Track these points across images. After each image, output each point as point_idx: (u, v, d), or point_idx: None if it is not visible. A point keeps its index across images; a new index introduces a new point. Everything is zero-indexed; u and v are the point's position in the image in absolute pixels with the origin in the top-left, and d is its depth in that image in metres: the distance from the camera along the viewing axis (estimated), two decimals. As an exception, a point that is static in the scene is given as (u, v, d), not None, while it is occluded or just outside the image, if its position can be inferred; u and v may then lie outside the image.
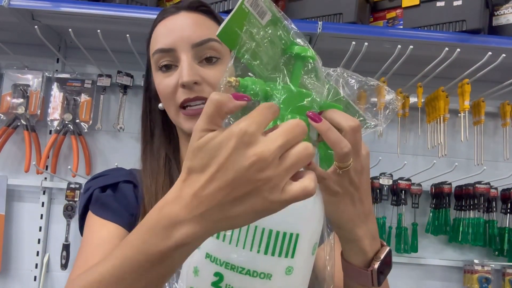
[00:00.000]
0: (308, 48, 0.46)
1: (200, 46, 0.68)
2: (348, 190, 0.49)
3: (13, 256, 1.51)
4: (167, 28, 0.71)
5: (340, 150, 0.45)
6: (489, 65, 1.24)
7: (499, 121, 1.54)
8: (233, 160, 0.35)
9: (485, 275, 1.45)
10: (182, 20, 0.70)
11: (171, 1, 1.45)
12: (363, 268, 0.52)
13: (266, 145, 0.35)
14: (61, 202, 1.49)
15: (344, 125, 0.46)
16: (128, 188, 0.72)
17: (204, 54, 0.69)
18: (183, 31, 0.69)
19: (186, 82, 0.66)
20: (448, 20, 1.29)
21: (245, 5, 0.43)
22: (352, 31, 1.28)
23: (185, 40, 0.68)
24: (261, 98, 0.44)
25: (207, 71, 0.68)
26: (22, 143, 1.50)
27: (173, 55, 0.69)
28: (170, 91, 0.69)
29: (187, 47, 0.68)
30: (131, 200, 0.71)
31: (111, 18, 1.29)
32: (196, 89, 0.67)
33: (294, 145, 0.37)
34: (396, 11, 1.40)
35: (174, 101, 0.69)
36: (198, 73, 0.68)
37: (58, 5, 1.27)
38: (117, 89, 1.54)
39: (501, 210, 1.51)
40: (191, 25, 0.69)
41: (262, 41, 0.44)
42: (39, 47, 1.47)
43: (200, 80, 0.67)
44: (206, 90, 0.68)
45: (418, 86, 1.41)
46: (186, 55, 0.68)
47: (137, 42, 1.35)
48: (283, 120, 0.43)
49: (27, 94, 1.49)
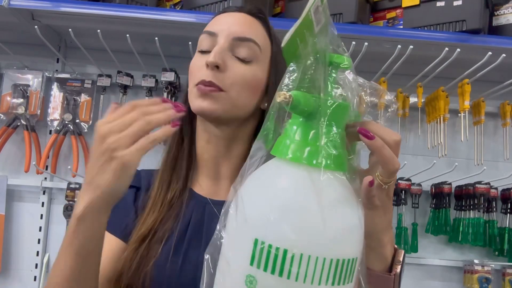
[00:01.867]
0: (346, 57, 0.46)
1: (240, 42, 0.70)
2: (385, 202, 0.51)
3: (13, 256, 1.51)
4: (219, 19, 0.74)
5: (392, 167, 0.47)
6: (489, 65, 1.24)
7: (499, 121, 1.54)
8: (93, 147, 0.53)
9: (485, 275, 1.45)
10: (237, 17, 0.73)
11: (171, 1, 1.45)
12: (386, 273, 0.54)
13: (105, 127, 0.52)
14: (61, 202, 1.50)
15: (389, 139, 0.47)
16: (129, 193, 0.73)
17: (241, 51, 0.70)
18: (231, 24, 0.71)
19: (210, 61, 0.66)
20: (448, 20, 1.29)
21: (311, 13, 0.42)
22: (352, 31, 1.28)
23: (230, 31, 0.70)
24: (309, 113, 0.44)
25: (234, 64, 0.69)
26: (22, 143, 1.50)
27: (213, 39, 0.70)
28: (196, 69, 0.70)
29: (228, 36, 0.69)
30: (128, 207, 0.72)
31: (111, 18, 1.29)
32: (216, 75, 0.67)
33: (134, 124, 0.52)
34: (396, 11, 1.40)
35: (196, 78, 0.69)
36: (225, 60, 0.68)
37: (58, 5, 1.27)
38: (117, 89, 1.54)
39: (501, 210, 1.51)
40: (242, 22, 0.72)
41: (315, 52, 0.44)
42: (39, 47, 1.47)
43: (223, 66, 0.67)
44: (225, 80, 0.68)
45: (418, 86, 1.41)
46: (224, 41, 0.69)
47: (137, 42, 1.35)
48: (328, 135, 0.43)
49: (27, 94, 1.49)
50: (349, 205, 0.44)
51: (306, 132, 0.44)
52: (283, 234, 0.40)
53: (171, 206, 0.71)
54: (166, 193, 0.72)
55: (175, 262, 0.67)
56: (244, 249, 0.42)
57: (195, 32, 1.32)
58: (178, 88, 1.51)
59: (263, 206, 0.43)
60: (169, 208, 0.71)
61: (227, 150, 0.75)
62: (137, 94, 1.57)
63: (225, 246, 0.47)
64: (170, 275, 0.66)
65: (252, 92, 0.71)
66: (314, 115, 0.44)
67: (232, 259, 0.44)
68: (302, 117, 0.45)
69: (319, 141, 0.43)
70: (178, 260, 0.66)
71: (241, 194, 0.46)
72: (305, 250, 0.40)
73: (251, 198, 0.44)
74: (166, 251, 0.67)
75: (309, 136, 0.44)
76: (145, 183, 0.76)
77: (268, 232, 0.41)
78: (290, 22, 1.50)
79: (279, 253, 0.40)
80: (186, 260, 0.67)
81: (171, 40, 1.38)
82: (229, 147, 0.74)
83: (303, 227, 0.41)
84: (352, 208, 0.44)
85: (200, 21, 1.26)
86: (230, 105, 0.68)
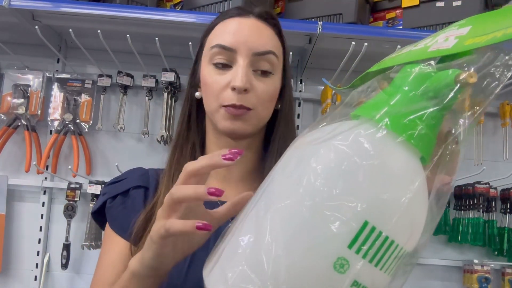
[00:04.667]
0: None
1: (260, 56, 0.69)
2: None
3: (14, 256, 1.52)
4: (232, 27, 0.71)
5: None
6: (489, 65, 1.24)
7: (499, 121, 1.54)
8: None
9: (484, 274, 1.46)
10: (251, 25, 0.71)
11: (171, 2, 1.46)
12: None
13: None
14: (62, 202, 1.50)
15: None
16: (137, 195, 0.74)
17: (261, 65, 0.70)
18: (249, 36, 0.69)
19: (238, 86, 0.66)
20: (447, 21, 1.29)
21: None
22: (352, 31, 1.28)
23: (249, 45, 0.68)
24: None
25: (258, 83, 0.69)
26: (22, 143, 1.51)
27: (232, 55, 0.69)
28: (219, 88, 0.69)
29: (248, 52, 0.68)
30: (138, 208, 0.72)
31: (111, 18, 1.29)
32: (243, 96, 0.68)
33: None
34: (396, 11, 1.40)
35: (219, 99, 0.69)
36: (251, 81, 0.68)
37: (58, 5, 1.27)
38: (117, 89, 1.54)
39: (501, 210, 1.51)
40: (257, 33, 0.70)
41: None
42: (40, 47, 1.47)
43: (250, 88, 0.68)
44: (252, 100, 0.68)
45: (417, 86, 1.41)
46: (244, 60, 0.68)
47: (137, 42, 1.36)
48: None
49: (27, 94, 1.49)
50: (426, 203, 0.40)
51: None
52: (400, 228, 0.37)
53: None
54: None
55: (182, 261, 0.66)
56: (342, 228, 0.36)
57: (195, 32, 1.33)
58: (178, 88, 1.51)
59: (378, 187, 0.37)
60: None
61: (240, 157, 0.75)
62: (138, 94, 1.57)
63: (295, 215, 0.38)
64: (178, 276, 0.65)
65: (272, 103, 0.73)
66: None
67: (314, 235, 0.37)
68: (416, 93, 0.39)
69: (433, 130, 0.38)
70: (186, 259, 0.66)
71: (335, 159, 0.38)
72: (408, 247, 0.38)
73: (364, 174, 0.37)
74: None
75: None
76: (153, 183, 0.76)
77: (384, 220, 0.36)
78: (290, 22, 1.48)
79: (386, 243, 0.36)
80: (194, 259, 0.67)
81: (172, 40, 1.38)
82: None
83: (413, 223, 0.38)
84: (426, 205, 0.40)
85: (200, 21, 1.26)
86: (257, 121, 0.70)
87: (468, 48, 0.37)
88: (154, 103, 1.55)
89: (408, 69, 0.41)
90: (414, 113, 0.38)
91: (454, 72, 0.37)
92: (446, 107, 0.38)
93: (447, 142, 0.39)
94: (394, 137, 0.38)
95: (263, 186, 0.44)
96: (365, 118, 0.40)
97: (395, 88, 0.40)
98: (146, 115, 1.52)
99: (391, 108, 0.39)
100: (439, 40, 0.41)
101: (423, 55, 0.41)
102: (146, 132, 1.50)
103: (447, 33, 0.42)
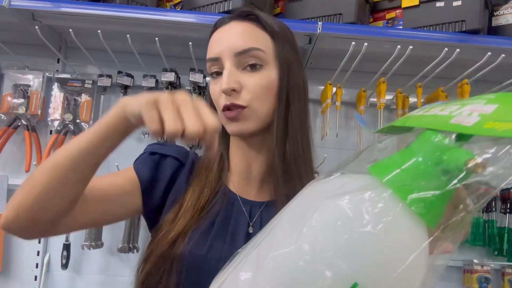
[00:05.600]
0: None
1: (242, 55, 0.72)
2: None
3: (14, 255, 1.52)
4: (216, 38, 0.76)
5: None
6: (489, 65, 1.24)
7: (499, 121, 1.54)
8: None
9: (484, 274, 1.46)
10: (230, 30, 0.75)
11: (171, 2, 1.46)
12: None
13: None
14: (62, 202, 1.50)
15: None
16: (172, 164, 0.78)
17: (247, 61, 0.72)
18: (228, 41, 0.73)
19: (224, 89, 0.70)
20: (447, 21, 1.29)
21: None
22: (351, 32, 1.28)
23: (229, 49, 0.72)
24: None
25: (248, 78, 0.71)
26: (22, 143, 1.51)
27: (220, 63, 0.73)
28: (216, 96, 0.74)
29: (230, 55, 0.72)
30: (165, 175, 0.77)
31: (111, 19, 1.29)
32: (234, 96, 0.71)
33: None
34: (396, 11, 1.40)
35: (219, 105, 0.74)
36: (238, 80, 0.71)
37: (58, 5, 1.27)
38: (117, 89, 1.54)
39: (501, 210, 1.51)
40: (236, 35, 0.73)
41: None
42: (40, 47, 1.47)
43: (239, 87, 0.71)
44: (244, 96, 0.71)
45: (417, 86, 1.41)
46: (228, 63, 0.72)
47: (137, 42, 1.36)
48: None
49: (27, 94, 1.49)
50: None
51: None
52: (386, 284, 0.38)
53: (201, 211, 0.74)
54: (199, 199, 0.74)
55: (200, 249, 0.70)
56: (332, 287, 0.37)
57: (195, 32, 1.33)
58: (178, 88, 1.51)
59: (374, 255, 0.37)
60: (199, 213, 0.73)
61: (256, 155, 0.78)
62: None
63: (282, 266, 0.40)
64: (195, 264, 0.68)
65: (270, 95, 0.73)
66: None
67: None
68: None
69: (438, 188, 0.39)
70: (203, 250, 0.69)
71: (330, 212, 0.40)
72: None
73: (356, 226, 0.38)
74: (193, 239, 0.70)
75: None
76: (190, 163, 0.79)
77: (372, 280, 0.37)
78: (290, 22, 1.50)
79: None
80: (211, 250, 0.70)
81: (172, 40, 1.38)
82: (258, 152, 0.78)
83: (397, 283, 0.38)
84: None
85: (200, 21, 1.26)
86: (256, 117, 0.72)
87: (485, 133, 0.38)
88: (154, 103, 1.55)
89: (427, 136, 0.41)
90: (422, 182, 0.39)
91: (466, 156, 0.38)
92: (455, 184, 0.39)
93: (454, 214, 0.40)
94: (399, 203, 0.38)
95: (272, 223, 0.46)
96: (376, 178, 0.41)
97: (410, 153, 0.41)
98: (146, 115, 1.52)
99: (402, 173, 0.40)
100: (463, 113, 0.41)
101: (445, 126, 0.41)
102: (146, 132, 1.50)
103: (473, 106, 0.42)
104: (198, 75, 1.44)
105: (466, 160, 0.37)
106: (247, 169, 0.78)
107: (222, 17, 0.78)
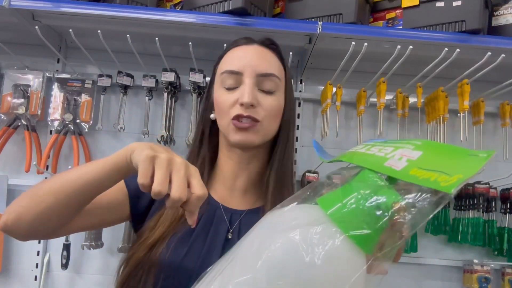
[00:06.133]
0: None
1: (264, 77, 0.80)
2: None
3: (14, 255, 1.52)
4: (239, 54, 0.83)
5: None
6: (489, 65, 1.24)
7: (499, 121, 1.54)
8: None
9: (484, 274, 1.46)
10: (253, 51, 0.83)
11: (171, 2, 1.46)
12: None
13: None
14: (62, 202, 1.50)
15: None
16: None
17: (265, 85, 0.80)
18: (252, 60, 0.81)
19: (246, 102, 0.77)
20: (447, 21, 1.29)
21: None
22: (352, 31, 1.28)
23: (252, 67, 0.80)
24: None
25: (264, 98, 0.80)
26: (22, 143, 1.51)
27: (239, 78, 0.80)
28: (229, 105, 0.79)
29: (252, 74, 0.79)
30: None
31: (111, 19, 1.29)
32: (251, 110, 0.78)
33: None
34: (396, 11, 1.40)
35: (229, 114, 0.79)
36: (257, 97, 0.79)
37: (58, 5, 1.27)
38: (117, 89, 1.54)
39: (501, 210, 1.51)
40: (260, 57, 0.82)
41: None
42: (40, 47, 1.47)
43: (256, 104, 0.78)
44: (260, 113, 0.79)
45: (417, 86, 1.41)
46: (250, 79, 0.79)
47: (137, 42, 1.36)
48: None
49: (27, 94, 1.49)
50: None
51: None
52: None
53: (181, 217, 0.77)
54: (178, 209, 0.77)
55: (179, 253, 0.73)
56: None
57: (195, 32, 1.34)
58: (178, 88, 1.51)
59: (315, 277, 0.45)
60: (179, 220, 0.77)
61: (246, 165, 0.85)
62: (138, 95, 1.57)
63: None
64: (171, 268, 0.71)
65: (277, 118, 0.83)
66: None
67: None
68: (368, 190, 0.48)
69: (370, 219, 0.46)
70: (182, 251, 0.73)
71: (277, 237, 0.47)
72: None
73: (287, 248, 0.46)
74: (172, 244, 0.74)
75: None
76: None
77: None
78: (290, 22, 1.48)
79: None
80: (189, 254, 0.73)
81: (172, 40, 1.38)
82: (248, 163, 0.85)
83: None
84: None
85: (200, 21, 1.26)
86: (263, 133, 0.81)
87: (409, 180, 0.45)
88: (154, 103, 1.55)
89: (365, 176, 0.50)
90: (360, 216, 0.46)
91: (392, 199, 0.45)
92: (386, 221, 0.46)
93: (388, 240, 0.47)
94: (340, 236, 0.46)
95: (235, 249, 0.53)
96: (322, 210, 0.49)
97: (350, 189, 0.49)
98: (146, 115, 1.52)
99: (343, 207, 0.47)
100: (395, 156, 0.50)
101: (379, 167, 0.49)
102: (146, 132, 1.50)
103: (403, 151, 0.50)
104: (198, 75, 1.44)
105: (392, 203, 0.45)
106: (233, 180, 0.84)
107: (245, 37, 0.86)
